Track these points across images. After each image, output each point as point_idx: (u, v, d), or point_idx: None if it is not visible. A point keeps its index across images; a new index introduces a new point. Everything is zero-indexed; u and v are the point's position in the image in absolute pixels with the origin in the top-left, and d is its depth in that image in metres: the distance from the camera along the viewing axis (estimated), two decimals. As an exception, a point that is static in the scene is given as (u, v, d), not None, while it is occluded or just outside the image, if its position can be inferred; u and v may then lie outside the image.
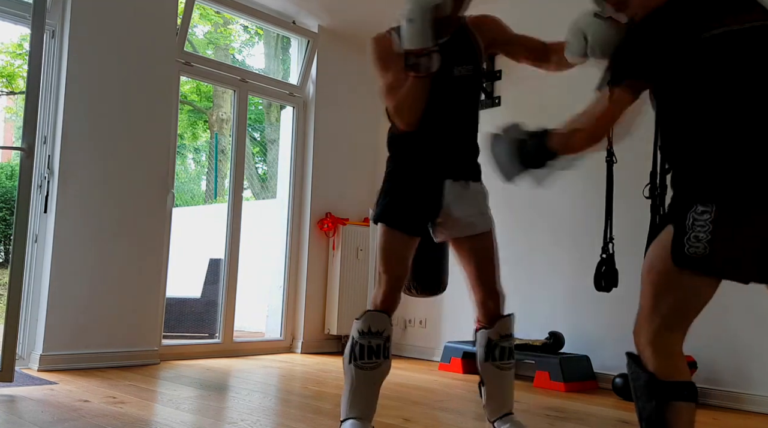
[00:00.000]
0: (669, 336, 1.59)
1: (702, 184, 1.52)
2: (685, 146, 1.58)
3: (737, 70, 1.53)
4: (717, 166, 1.51)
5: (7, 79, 10.55)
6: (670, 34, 1.58)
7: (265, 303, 5.35)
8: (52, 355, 3.63)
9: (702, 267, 1.52)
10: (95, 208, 3.84)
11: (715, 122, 1.53)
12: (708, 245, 1.49)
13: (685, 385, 1.56)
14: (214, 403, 3.01)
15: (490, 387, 2.39)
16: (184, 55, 4.45)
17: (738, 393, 3.41)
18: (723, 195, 1.49)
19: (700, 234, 1.49)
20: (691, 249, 1.51)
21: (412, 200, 2.31)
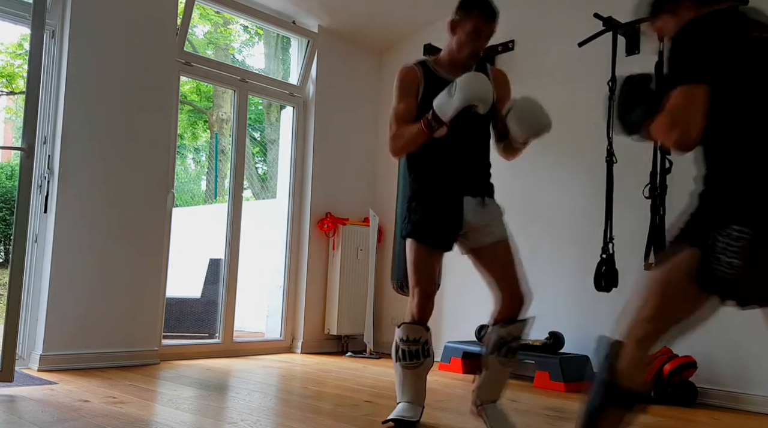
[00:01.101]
0: (650, 346, 1.62)
1: (742, 203, 1.46)
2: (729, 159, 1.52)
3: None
4: (760, 184, 1.45)
5: (7, 79, 10.55)
6: (721, 34, 1.55)
7: (265, 303, 5.35)
8: (52, 355, 3.63)
9: (730, 292, 1.49)
10: (95, 208, 3.84)
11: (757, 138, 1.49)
12: (740, 270, 1.44)
13: (637, 397, 1.61)
14: (214, 403, 3.01)
15: (487, 376, 2.57)
16: (184, 55, 4.45)
17: (738, 393, 3.41)
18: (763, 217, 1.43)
19: (733, 259, 1.44)
20: (724, 273, 1.46)
21: (437, 217, 2.56)
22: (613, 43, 3.82)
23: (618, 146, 3.69)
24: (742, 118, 1.52)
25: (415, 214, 2.59)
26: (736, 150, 1.52)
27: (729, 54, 1.53)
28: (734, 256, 1.44)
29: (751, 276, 1.45)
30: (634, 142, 4.09)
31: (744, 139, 1.51)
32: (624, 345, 1.63)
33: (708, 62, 1.52)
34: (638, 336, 1.61)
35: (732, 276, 1.45)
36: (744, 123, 1.52)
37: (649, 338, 1.61)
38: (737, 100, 1.52)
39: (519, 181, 4.31)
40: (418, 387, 2.61)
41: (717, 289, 1.49)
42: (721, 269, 1.45)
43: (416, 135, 2.47)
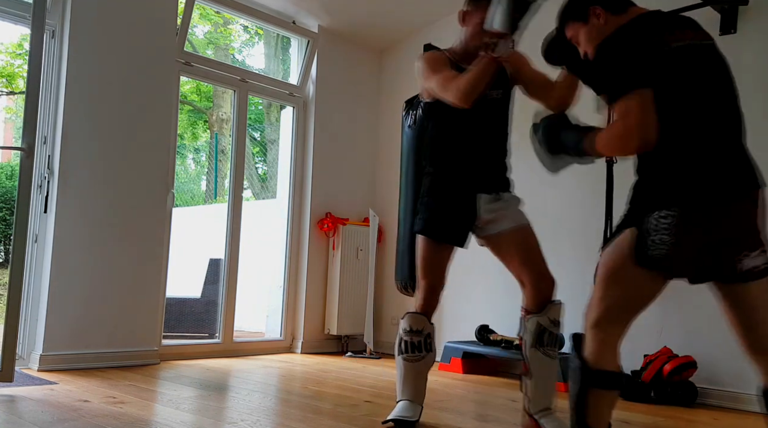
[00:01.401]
0: (608, 326, 1.74)
1: (667, 190, 1.67)
2: (651, 155, 1.73)
3: (696, 84, 1.70)
4: (680, 174, 1.67)
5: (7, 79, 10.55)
6: (641, 44, 1.72)
7: (265, 303, 5.35)
8: (52, 355, 3.63)
9: (664, 267, 1.66)
10: (95, 208, 3.84)
11: (678, 132, 1.68)
12: (671, 246, 1.63)
13: (609, 374, 1.73)
14: (214, 403, 3.01)
15: (536, 377, 2.48)
16: (184, 55, 4.45)
17: (738, 393, 3.41)
18: (685, 200, 1.64)
19: (664, 236, 1.64)
20: (656, 251, 1.65)
21: (449, 212, 2.56)
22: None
23: (618, 146, 3.68)
24: (667, 118, 1.68)
25: (427, 209, 2.60)
26: (663, 145, 1.68)
27: (653, 62, 1.69)
28: (665, 233, 1.63)
29: (681, 251, 1.64)
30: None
31: (669, 135, 1.68)
32: (586, 331, 1.77)
33: (643, 68, 1.69)
34: (594, 318, 1.75)
35: (664, 252, 1.64)
36: (669, 122, 1.68)
37: (604, 319, 1.73)
38: (663, 103, 1.68)
39: (519, 181, 4.30)
40: (419, 385, 2.60)
41: (653, 265, 1.66)
42: (654, 246, 1.64)
43: (484, 68, 2.31)
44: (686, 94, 1.69)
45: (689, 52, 1.70)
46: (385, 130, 5.42)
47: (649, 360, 3.52)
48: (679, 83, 1.69)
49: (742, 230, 1.67)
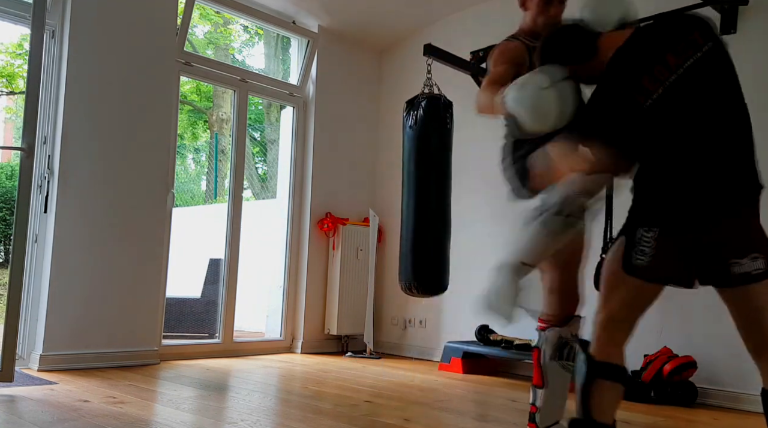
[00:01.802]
0: (614, 326, 1.87)
1: (649, 211, 1.83)
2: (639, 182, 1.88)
3: (673, 132, 1.80)
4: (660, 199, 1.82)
5: (7, 79, 10.54)
6: (617, 103, 1.84)
7: (265, 303, 5.35)
8: (52, 355, 3.63)
9: (645, 274, 1.80)
10: (95, 208, 3.84)
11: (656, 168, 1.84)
12: (651, 258, 1.79)
13: (614, 367, 1.84)
14: (214, 403, 3.01)
15: (551, 389, 2.34)
16: (184, 55, 4.45)
17: (738, 393, 3.41)
18: (664, 221, 1.80)
19: (645, 248, 1.80)
20: (638, 260, 1.80)
21: None
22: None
23: (618, 146, 3.69)
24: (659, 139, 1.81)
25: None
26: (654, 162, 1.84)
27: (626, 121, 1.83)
28: (645, 245, 1.79)
29: (662, 262, 1.79)
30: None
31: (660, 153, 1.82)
32: (593, 333, 1.90)
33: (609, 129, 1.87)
34: (600, 320, 1.88)
35: (645, 262, 1.79)
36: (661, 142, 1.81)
37: (609, 320, 1.87)
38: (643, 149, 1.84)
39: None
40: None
41: (637, 273, 1.81)
42: (636, 257, 1.80)
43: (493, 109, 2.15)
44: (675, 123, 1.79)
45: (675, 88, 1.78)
46: (385, 130, 5.42)
47: (649, 360, 3.52)
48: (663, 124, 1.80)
49: (731, 239, 1.76)
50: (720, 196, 1.78)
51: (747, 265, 1.75)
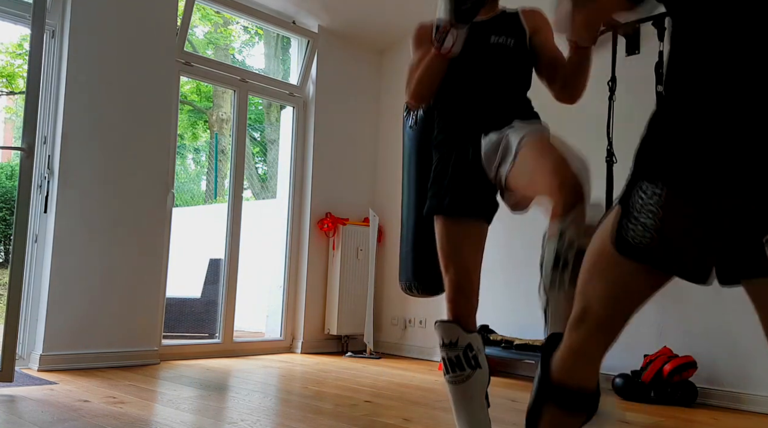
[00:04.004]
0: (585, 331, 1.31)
1: (654, 157, 1.21)
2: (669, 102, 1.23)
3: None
4: (685, 138, 1.17)
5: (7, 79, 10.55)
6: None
7: (265, 303, 5.35)
8: (52, 355, 3.63)
9: (644, 257, 1.22)
10: (95, 208, 3.84)
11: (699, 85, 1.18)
12: (655, 232, 1.19)
13: (576, 393, 1.33)
14: (214, 403, 3.01)
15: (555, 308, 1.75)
16: (184, 55, 4.45)
17: (738, 393, 3.41)
18: (675, 173, 1.17)
19: (647, 219, 1.20)
20: (636, 237, 1.21)
21: (452, 176, 2.03)
22: (613, 42, 3.82)
23: (618, 146, 3.69)
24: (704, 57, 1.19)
25: (434, 182, 2.11)
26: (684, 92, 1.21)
27: None
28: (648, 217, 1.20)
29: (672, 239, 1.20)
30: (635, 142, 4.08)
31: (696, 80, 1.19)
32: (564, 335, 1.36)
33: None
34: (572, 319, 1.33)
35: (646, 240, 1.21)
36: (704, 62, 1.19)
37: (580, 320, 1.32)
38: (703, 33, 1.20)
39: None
40: (473, 414, 2.06)
41: (634, 255, 1.23)
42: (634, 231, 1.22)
43: (430, 64, 2.00)
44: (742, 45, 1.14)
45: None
46: (385, 130, 5.42)
47: (649, 360, 3.52)
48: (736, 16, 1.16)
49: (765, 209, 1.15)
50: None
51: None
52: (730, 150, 1.12)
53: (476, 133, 2.01)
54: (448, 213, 2.02)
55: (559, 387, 1.32)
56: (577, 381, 1.31)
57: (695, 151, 1.15)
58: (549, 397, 1.33)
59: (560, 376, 1.32)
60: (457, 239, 2.03)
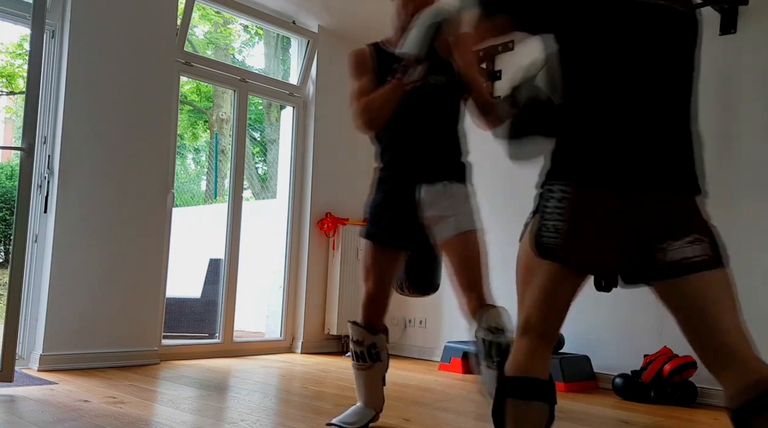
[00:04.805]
0: (532, 332, 1.47)
1: (563, 162, 1.37)
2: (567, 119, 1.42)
3: (632, 47, 1.39)
4: (579, 145, 1.36)
5: (7, 79, 10.55)
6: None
7: (265, 303, 5.35)
8: (52, 355, 3.63)
9: (559, 255, 1.36)
10: (95, 208, 3.84)
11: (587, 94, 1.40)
12: (564, 234, 1.34)
13: (532, 382, 1.46)
14: (214, 403, 3.01)
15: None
16: (184, 55, 4.44)
17: (738, 393, 3.40)
18: (579, 173, 1.34)
19: (557, 221, 1.35)
20: (549, 237, 1.36)
21: (388, 212, 2.41)
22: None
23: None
24: (585, 77, 1.43)
25: (369, 211, 2.49)
26: (574, 109, 1.42)
27: (576, 14, 1.43)
28: (558, 218, 1.34)
29: (579, 239, 1.34)
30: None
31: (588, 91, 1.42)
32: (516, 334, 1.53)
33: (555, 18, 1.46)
34: (519, 327, 1.50)
35: (557, 240, 1.36)
36: (587, 82, 1.42)
37: (529, 325, 1.47)
38: (583, 59, 1.44)
39: (519, 181, 4.31)
40: (371, 390, 2.55)
41: (549, 255, 1.37)
42: (547, 232, 1.37)
43: (389, 92, 2.27)
44: (619, 54, 1.40)
45: (639, 8, 1.40)
46: (385, 130, 5.41)
47: (649, 360, 3.52)
48: (611, 39, 1.41)
49: (662, 218, 1.35)
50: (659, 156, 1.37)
51: (680, 251, 1.33)
52: (624, 152, 1.33)
53: (416, 182, 2.36)
54: (379, 242, 2.43)
55: (515, 380, 1.46)
56: (530, 374, 1.46)
57: (597, 154, 1.34)
58: (508, 392, 1.46)
59: (515, 372, 1.47)
60: (380, 261, 2.44)
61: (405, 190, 2.37)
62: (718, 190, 3.60)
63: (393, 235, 2.40)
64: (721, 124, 3.62)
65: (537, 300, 1.44)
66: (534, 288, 1.44)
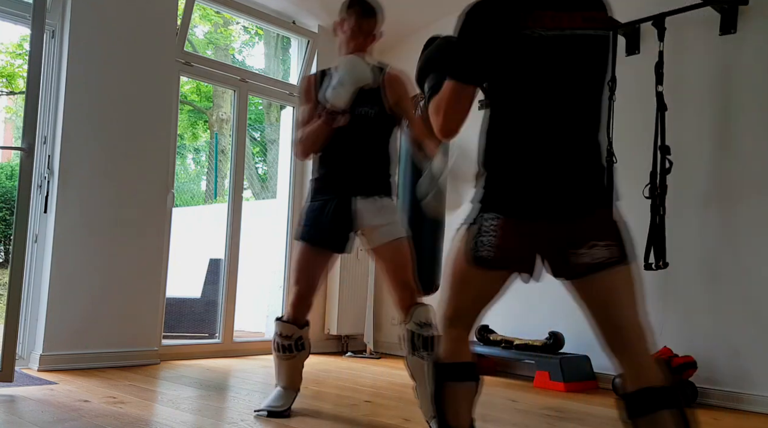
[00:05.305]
0: (461, 323, 1.72)
1: (494, 196, 1.63)
2: (488, 154, 1.66)
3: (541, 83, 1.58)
4: (505, 181, 1.63)
5: (7, 79, 10.56)
6: (496, 28, 1.59)
7: (265, 303, 5.35)
8: (52, 355, 3.63)
9: (491, 264, 1.62)
10: (95, 208, 3.84)
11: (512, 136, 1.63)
12: (496, 248, 1.60)
13: (462, 365, 1.72)
14: (214, 403, 3.01)
15: (419, 382, 2.53)
16: (184, 55, 4.44)
17: (738, 393, 3.41)
18: (507, 207, 1.61)
19: (492, 239, 1.60)
20: (483, 251, 1.62)
21: (323, 218, 2.69)
22: (613, 42, 3.82)
23: (618, 146, 3.69)
24: (506, 117, 1.63)
25: (306, 216, 2.76)
26: (497, 146, 1.64)
27: (501, 51, 1.59)
28: (492, 235, 1.60)
29: (508, 251, 1.61)
30: (635, 142, 4.10)
31: (504, 137, 1.63)
32: (440, 330, 1.77)
33: (479, 60, 1.62)
34: (446, 318, 1.73)
35: (491, 253, 1.61)
36: (506, 122, 1.63)
37: (456, 317, 1.72)
38: (504, 99, 1.63)
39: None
40: (293, 375, 2.86)
41: (483, 264, 1.63)
42: (482, 247, 1.61)
43: (319, 130, 2.63)
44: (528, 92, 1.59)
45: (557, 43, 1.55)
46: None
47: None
48: (520, 79, 1.59)
49: (575, 232, 1.57)
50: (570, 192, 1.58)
51: (590, 254, 1.54)
52: (535, 191, 1.59)
53: (351, 194, 2.68)
54: (315, 244, 2.71)
55: (449, 365, 1.72)
56: (459, 358, 1.73)
57: (517, 189, 1.61)
58: (444, 377, 1.72)
59: (450, 359, 1.72)
60: (313, 263, 2.73)
61: (340, 201, 2.68)
62: (718, 190, 3.62)
63: (329, 239, 2.69)
64: (721, 124, 3.62)
65: (469, 298, 1.69)
66: (468, 287, 1.68)
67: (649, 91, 3.64)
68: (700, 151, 3.65)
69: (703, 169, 3.64)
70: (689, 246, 3.61)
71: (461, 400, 1.72)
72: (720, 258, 3.53)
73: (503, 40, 1.58)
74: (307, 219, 2.74)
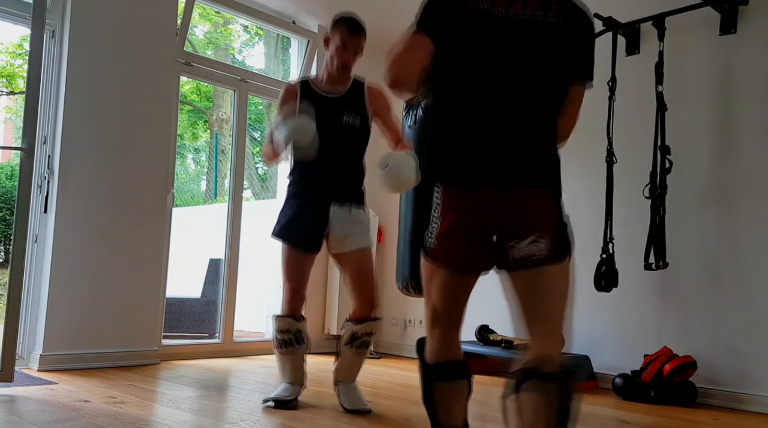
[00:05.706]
0: (440, 323, 1.68)
1: (437, 164, 1.58)
2: (438, 122, 1.63)
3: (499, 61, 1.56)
4: (447, 151, 1.57)
5: (7, 79, 10.55)
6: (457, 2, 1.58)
7: (265, 303, 5.35)
8: (52, 355, 3.63)
9: (435, 258, 1.59)
10: (95, 208, 3.84)
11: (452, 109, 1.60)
12: (438, 238, 1.57)
13: (449, 365, 1.68)
14: (214, 403, 3.01)
15: (343, 361, 2.95)
16: (184, 55, 4.44)
17: (738, 393, 3.41)
18: (448, 174, 1.55)
19: (434, 228, 1.57)
20: (428, 242, 1.60)
21: (302, 221, 2.85)
22: (613, 42, 3.82)
23: (618, 146, 3.69)
24: (451, 84, 1.60)
25: (284, 216, 2.90)
26: (441, 121, 1.61)
27: (450, 19, 1.58)
28: (434, 223, 1.57)
29: (448, 241, 1.55)
30: (634, 142, 4.09)
31: (448, 111, 1.61)
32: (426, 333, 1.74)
33: (435, 21, 1.60)
34: (427, 321, 1.71)
35: (434, 242, 1.58)
36: (452, 89, 1.60)
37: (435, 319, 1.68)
38: (451, 66, 1.60)
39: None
40: (297, 370, 2.97)
41: (430, 255, 1.60)
42: (427, 237, 1.60)
43: (272, 154, 2.75)
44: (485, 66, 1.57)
45: (509, 24, 1.55)
46: (385, 130, 5.41)
47: (649, 360, 3.52)
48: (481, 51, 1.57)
49: (514, 219, 1.54)
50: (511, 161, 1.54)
51: (524, 249, 1.52)
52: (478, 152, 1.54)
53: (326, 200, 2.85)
54: (294, 245, 2.89)
55: (438, 366, 1.68)
56: (447, 358, 1.68)
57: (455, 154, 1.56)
58: (433, 378, 1.69)
59: (436, 360, 1.68)
60: (299, 261, 2.91)
61: (315, 205, 2.85)
62: (718, 190, 3.62)
63: (305, 242, 2.87)
64: (721, 124, 3.62)
65: (440, 295, 1.64)
66: (436, 285, 1.64)
67: (649, 91, 3.64)
68: (700, 151, 3.65)
69: (703, 169, 3.64)
70: (689, 246, 3.61)
71: (453, 399, 1.70)
72: (720, 258, 3.53)
73: (461, 12, 1.58)
74: (286, 220, 2.89)
